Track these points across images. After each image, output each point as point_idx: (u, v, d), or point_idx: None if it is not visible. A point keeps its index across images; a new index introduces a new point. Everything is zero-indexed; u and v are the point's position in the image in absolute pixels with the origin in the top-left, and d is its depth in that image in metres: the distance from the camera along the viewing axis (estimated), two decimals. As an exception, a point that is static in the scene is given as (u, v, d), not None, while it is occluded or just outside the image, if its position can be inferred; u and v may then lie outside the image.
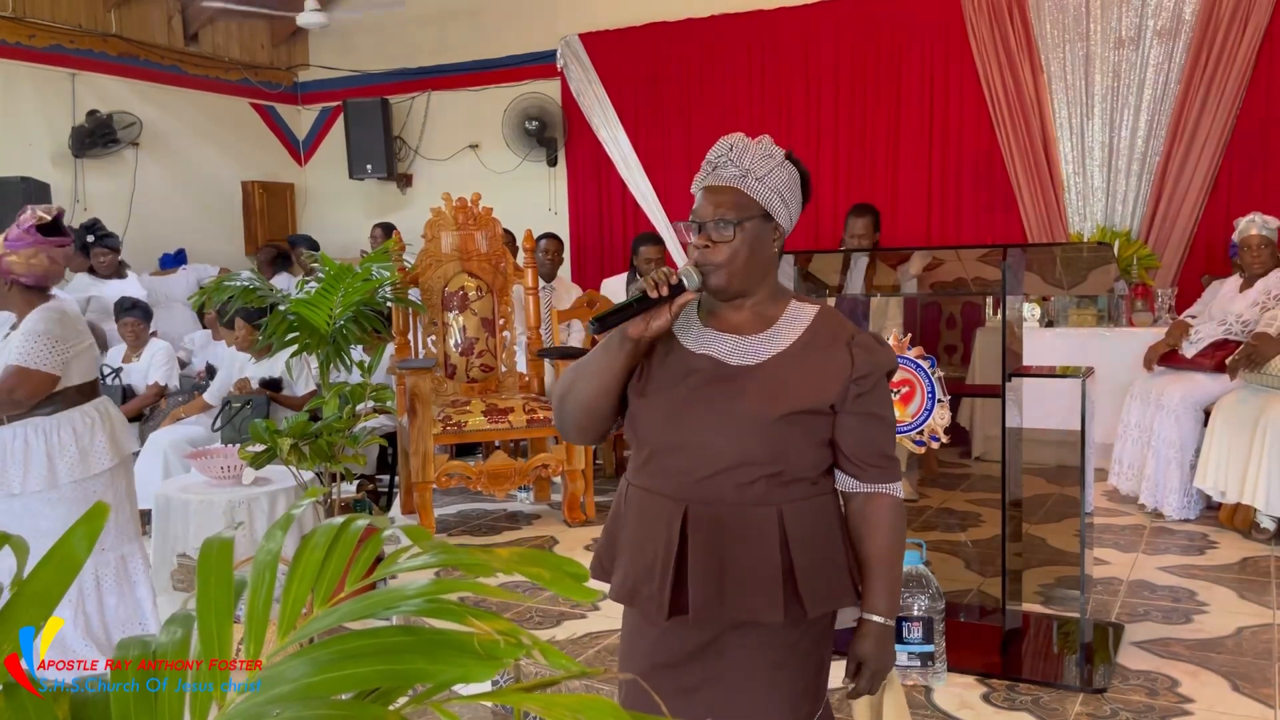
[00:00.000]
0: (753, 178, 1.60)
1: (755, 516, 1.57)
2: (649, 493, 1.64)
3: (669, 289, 1.57)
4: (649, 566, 1.61)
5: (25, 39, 7.31)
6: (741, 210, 1.60)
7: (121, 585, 3.17)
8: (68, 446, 2.99)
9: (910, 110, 7.07)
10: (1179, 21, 6.21)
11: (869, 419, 1.61)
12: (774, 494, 1.58)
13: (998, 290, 3.17)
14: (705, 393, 1.60)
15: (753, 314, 1.64)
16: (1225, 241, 5.88)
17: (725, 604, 1.58)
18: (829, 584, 1.61)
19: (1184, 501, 4.68)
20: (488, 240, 5.34)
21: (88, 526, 0.74)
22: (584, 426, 1.70)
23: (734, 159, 1.61)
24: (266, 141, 9.30)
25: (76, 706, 0.74)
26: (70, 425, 3.01)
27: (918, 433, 3.16)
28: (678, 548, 1.58)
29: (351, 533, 0.83)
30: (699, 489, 1.58)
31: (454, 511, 5.34)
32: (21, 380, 2.91)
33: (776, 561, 1.57)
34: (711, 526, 1.57)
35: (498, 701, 0.69)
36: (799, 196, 1.66)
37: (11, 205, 6.69)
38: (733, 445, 1.57)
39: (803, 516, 1.59)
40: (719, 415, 1.58)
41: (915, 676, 2.95)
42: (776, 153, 1.64)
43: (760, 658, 1.62)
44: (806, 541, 1.59)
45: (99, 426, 3.07)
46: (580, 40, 8.02)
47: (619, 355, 1.61)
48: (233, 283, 4.29)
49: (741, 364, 1.61)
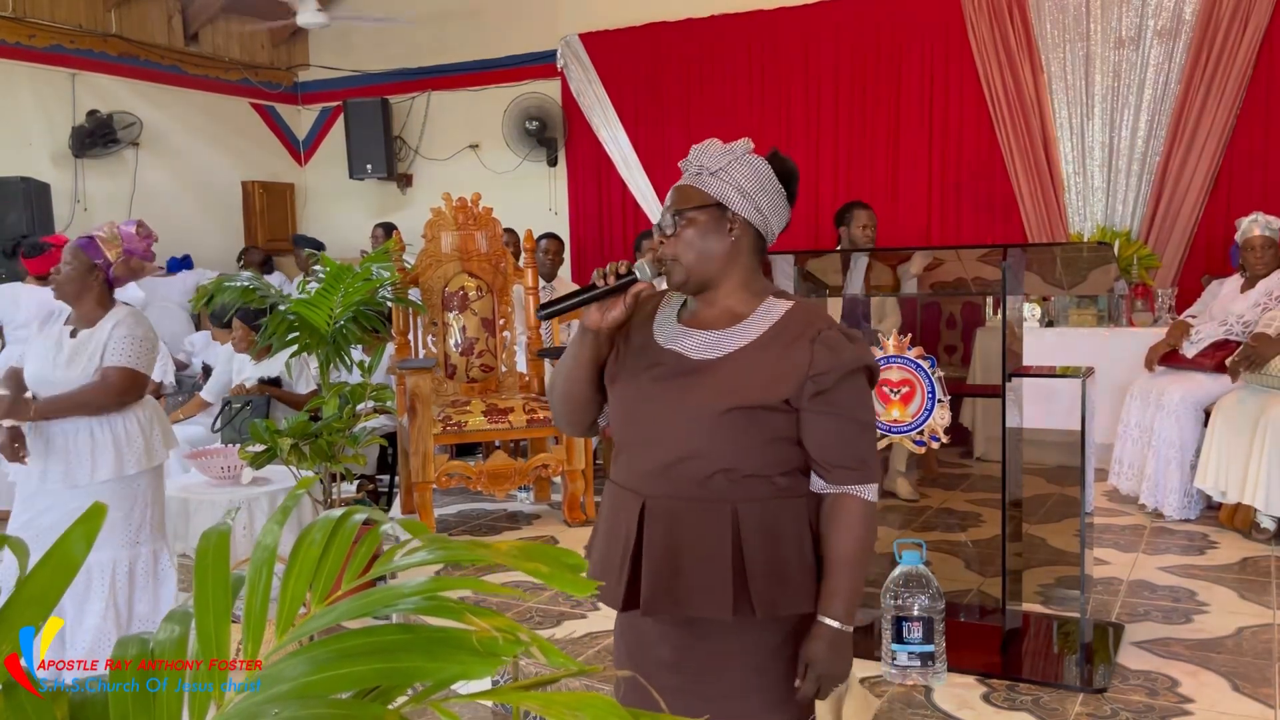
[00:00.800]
0: (707, 173, 1.64)
1: (710, 512, 1.58)
2: (617, 486, 1.68)
3: (617, 278, 1.61)
4: (610, 560, 1.64)
5: (25, 39, 7.31)
6: (688, 202, 1.64)
7: (150, 580, 3.23)
8: (135, 439, 3.10)
9: (910, 110, 7.07)
10: (1179, 21, 6.21)
11: (831, 418, 1.58)
12: (732, 491, 1.57)
13: (998, 290, 3.17)
14: (663, 386, 1.62)
15: (724, 310, 1.66)
16: (1225, 241, 5.88)
17: (676, 598, 1.59)
18: (784, 586, 1.58)
19: (1184, 501, 4.68)
20: (488, 240, 5.34)
21: (86, 527, 0.74)
22: (567, 416, 1.77)
23: (694, 159, 1.67)
24: (266, 141, 9.30)
25: (75, 706, 0.74)
26: (135, 418, 3.12)
27: (918, 433, 3.16)
28: (635, 540, 1.60)
29: (349, 527, 0.83)
30: (657, 483, 1.60)
31: (454, 511, 5.34)
32: (133, 383, 3.06)
33: (728, 558, 1.56)
34: (667, 520, 1.59)
35: (497, 700, 0.69)
36: (769, 188, 1.65)
37: (11, 205, 6.71)
38: (682, 438, 1.58)
39: (760, 516, 1.58)
40: (671, 408, 1.60)
41: (915, 676, 2.95)
42: (739, 148, 1.66)
43: (741, 662, 1.63)
44: (762, 541, 1.57)
45: (155, 420, 3.20)
46: (580, 40, 8.02)
47: (581, 346, 1.67)
48: (232, 284, 4.29)
49: (703, 358, 1.62)
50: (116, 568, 3.13)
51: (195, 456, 4.28)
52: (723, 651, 1.63)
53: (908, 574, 2.92)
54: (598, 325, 1.63)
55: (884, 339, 3.21)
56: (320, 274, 4.11)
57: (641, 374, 1.65)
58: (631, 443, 1.65)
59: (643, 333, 1.69)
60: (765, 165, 1.66)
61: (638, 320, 1.71)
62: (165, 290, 7.45)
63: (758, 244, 1.68)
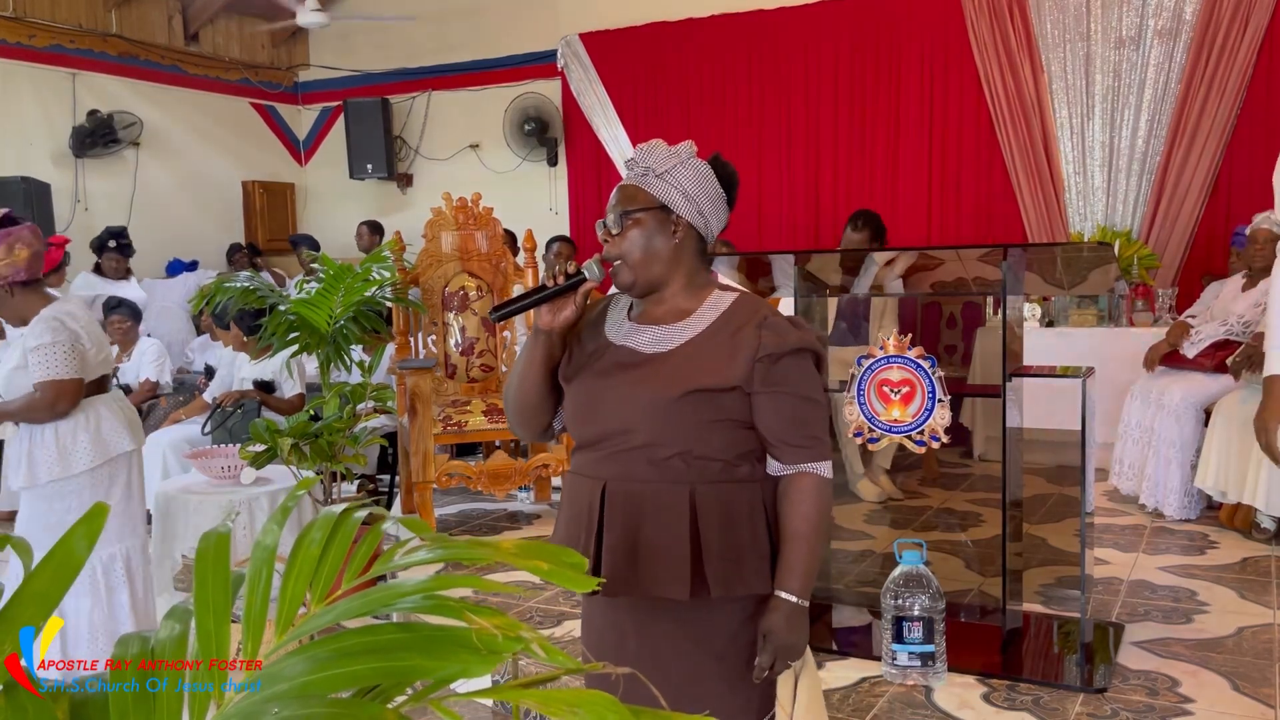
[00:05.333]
0: (652, 174, 1.68)
1: (668, 494, 1.62)
2: (576, 475, 1.72)
3: (566, 278, 1.65)
4: (574, 543, 1.67)
5: (25, 39, 7.31)
6: (633, 203, 1.68)
7: (100, 588, 3.16)
8: (79, 435, 3.06)
9: (910, 110, 7.07)
10: (1179, 21, 6.21)
11: (781, 396, 1.62)
12: (689, 474, 1.62)
13: (998, 290, 3.17)
14: (617, 379, 1.66)
15: (672, 307, 1.70)
16: (1225, 242, 5.88)
17: (636, 578, 1.62)
18: (740, 568, 1.62)
19: (1184, 501, 4.68)
20: (488, 240, 5.34)
21: (88, 526, 0.74)
22: (521, 418, 1.79)
23: (639, 159, 1.71)
24: (267, 141, 9.30)
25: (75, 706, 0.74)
26: (83, 414, 3.07)
27: (918, 432, 3.16)
28: (598, 523, 1.64)
29: (349, 526, 0.83)
30: (615, 467, 1.64)
31: (454, 511, 5.34)
32: (58, 392, 3.00)
33: (686, 539, 1.60)
34: (626, 502, 1.63)
35: (497, 698, 0.69)
36: (711, 192, 1.70)
37: (12, 205, 6.71)
38: (639, 425, 1.62)
39: (716, 498, 1.62)
40: (627, 398, 1.64)
41: (915, 676, 2.95)
42: (684, 151, 1.70)
43: (700, 649, 1.66)
44: (718, 523, 1.62)
45: (111, 414, 3.13)
46: (581, 40, 8.02)
47: (534, 346, 1.71)
48: (232, 284, 4.29)
49: (655, 351, 1.67)
50: (110, 566, 3.14)
51: (195, 456, 4.28)
52: (681, 637, 1.67)
53: (908, 574, 2.92)
54: (550, 326, 1.67)
55: (884, 339, 3.21)
56: (320, 274, 4.12)
57: (596, 370, 1.69)
58: (590, 436, 1.69)
59: (594, 332, 1.74)
60: (708, 169, 1.71)
61: (589, 322, 1.76)
62: (165, 293, 7.45)
63: (699, 245, 1.72)
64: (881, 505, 4.82)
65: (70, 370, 3.00)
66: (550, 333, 1.69)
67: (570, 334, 1.73)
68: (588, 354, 1.72)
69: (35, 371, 2.99)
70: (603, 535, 1.64)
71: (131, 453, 3.20)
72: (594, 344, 1.72)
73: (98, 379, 3.14)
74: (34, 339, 2.99)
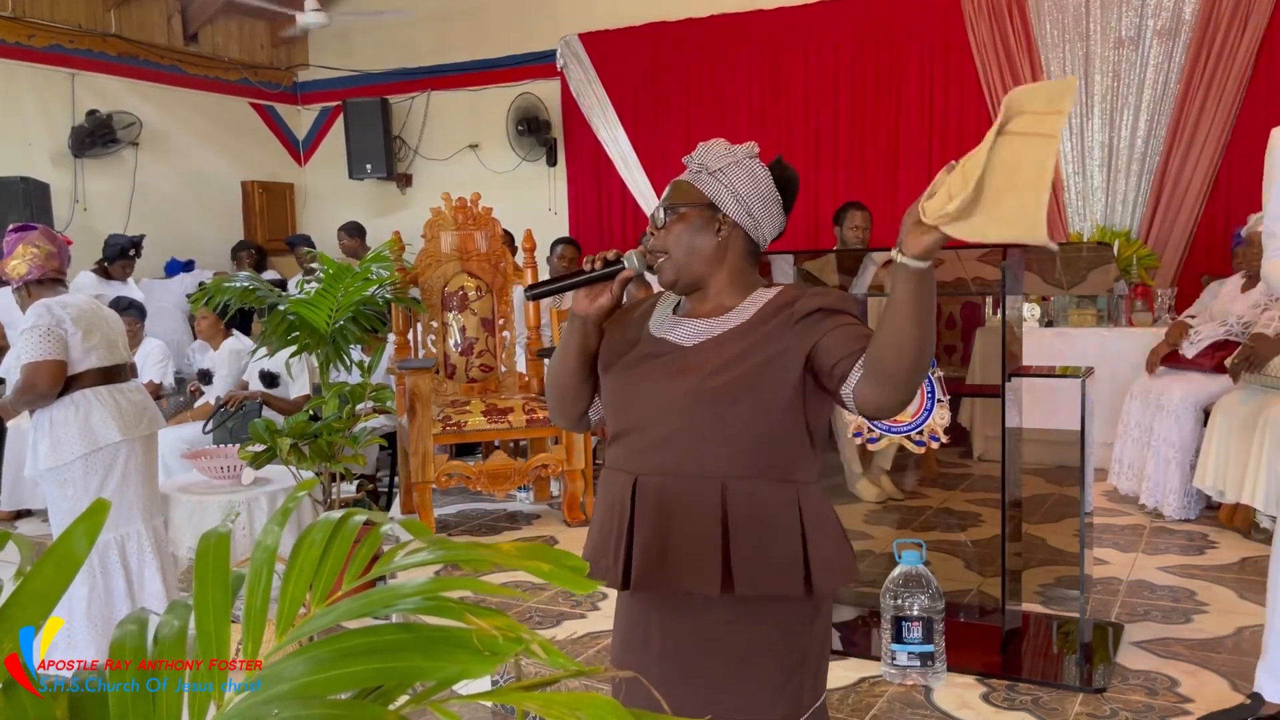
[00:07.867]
0: (705, 172, 1.67)
1: (699, 487, 1.59)
2: (611, 469, 1.70)
3: (604, 264, 1.65)
4: (607, 539, 1.66)
5: (25, 39, 7.31)
6: (681, 199, 1.67)
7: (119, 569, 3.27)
8: (70, 424, 3.13)
9: (910, 110, 7.07)
10: (1179, 21, 6.21)
11: (836, 327, 1.56)
12: (721, 468, 1.59)
13: (997, 290, 3.17)
14: (654, 369, 1.65)
15: (716, 304, 1.69)
16: (1225, 242, 5.88)
17: (666, 573, 1.60)
18: (769, 565, 1.58)
19: (1184, 501, 4.68)
20: (487, 240, 5.35)
21: (87, 524, 0.74)
22: (557, 406, 1.79)
23: (697, 156, 1.70)
24: (266, 141, 9.30)
25: (75, 705, 0.74)
26: (73, 404, 3.13)
27: (917, 433, 3.16)
28: (629, 517, 1.62)
29: (349, 528, 0.83)
30: (649, 460, 1.62)
31: (454, 511, 5.34)
32: (34, 373, 3.07)
33: (717, 534, 1.57)
34: (658, 496, 1.61)
35: (497, 700, 0.69)
36: (765, 195, 1.67)
37: (11, 205, 6.71)
38: (674, 416, 1.60)
39: (748, 494, 1.58)
40: (663, 389, 1.62)
41: (915, 676, 2.95)
42: (741, 152, 1.69)
43: (729, 654, 1.63)
44: (749, 519, 1.58)
45: (102, 405, 3.18)
46: (580, 40, 8.02)
47: (571, 332, 1.71)
48: (231, 284, 4.29)
49: (690, 344, 1.66)
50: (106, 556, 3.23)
51: (195, 456, 4.28)
52: (711, 639, 1.63)
53: (907, 574, 2.92)
54: (585, 311, 1.67)
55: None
56: (320, 273, 4.12)
57: (633, 360, 1.68)
58: (625, 427, 1.67)
59: (637, 326, 1.73)
60: (765, 171, 1.69)
61: (634, 316, 1.75)
62: (162, 293, 7.45)
63: (749, 247, 1.70)
64: (881, 505, 4.83)
65: (47, 352, 3.06)
66: (585, 319, 1.68)
67: (608, 323, 1.72)
68: (627, 344, 1.71)
69: (21, 355, 3.09)
70: (633, 530, 1.62)
71: (121, 443, 3.22)
72: (634, 335, 1.72)
73: (104, 370, 3.18)
74: (21, 326, 3.11)
